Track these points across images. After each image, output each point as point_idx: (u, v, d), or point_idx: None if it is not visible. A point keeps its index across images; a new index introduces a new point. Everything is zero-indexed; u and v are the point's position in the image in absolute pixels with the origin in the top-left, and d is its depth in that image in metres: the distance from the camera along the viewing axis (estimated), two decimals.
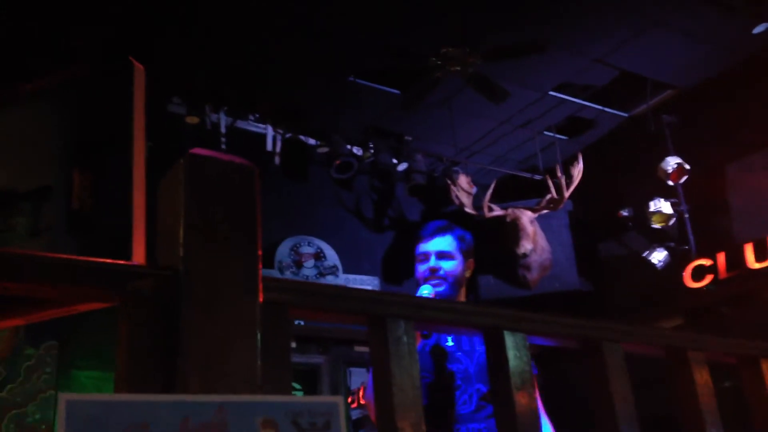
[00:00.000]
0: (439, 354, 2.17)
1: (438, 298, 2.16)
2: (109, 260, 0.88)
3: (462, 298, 2.33)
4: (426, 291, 2.19)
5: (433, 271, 2.24)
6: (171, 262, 0.89)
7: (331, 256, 5.83)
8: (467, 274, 2.33)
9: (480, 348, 2.12)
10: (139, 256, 0.96)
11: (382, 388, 1.08)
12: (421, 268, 2.29)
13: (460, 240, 2.32)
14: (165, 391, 0.85)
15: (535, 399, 1.17)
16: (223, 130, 5.20)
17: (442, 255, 2.27)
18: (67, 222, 1.03)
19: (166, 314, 0.87)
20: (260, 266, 0.93)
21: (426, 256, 2.29)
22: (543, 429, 1.98)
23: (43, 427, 4.49)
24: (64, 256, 0.87)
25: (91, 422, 0.76)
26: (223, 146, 5.11)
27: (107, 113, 1.04)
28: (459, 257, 2.30)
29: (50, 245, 1.03)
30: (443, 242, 2.30)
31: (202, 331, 0.86)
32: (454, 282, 2.26)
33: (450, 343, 2.18)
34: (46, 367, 4.67)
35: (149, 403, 0.79)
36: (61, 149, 1.05)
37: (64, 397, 0.76)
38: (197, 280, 0.88)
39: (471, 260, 2.35)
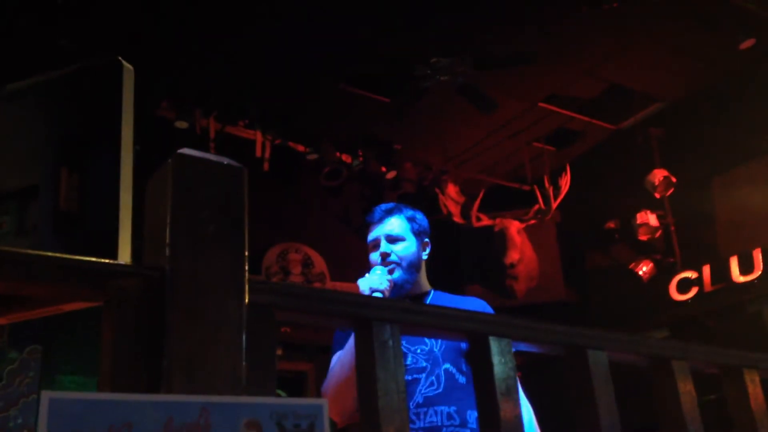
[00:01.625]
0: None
1: (395, 284, 2.02)
2: (94, 258, 0.87)
3: (423, 281, 2.15)
4: (379, 271, 2.00)
5: (385, 257, 2.06)
6: (157, 262, 0.89)
7: (319, 263, 5.82)
8: (423, 256, 2.15)
9: None
10: (125, 255, 0.96)
11: (367, 392, 1.08)
12: (373, 256, 2.10)
13: (410, 220, 2.14)
14: (149, 392, 0.84)
15: (518, 405, 1.17)
16: (212, 135, 5.20)
17: (391, 239, 2.10)
18: (53, 221, 1.02)
19: (151, 314, 0.87)
20: (247, 267, 0.93)
21: (376, 243, 2.11)
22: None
23: (25, 431, 4.44)
24: (49, 253, 0.87)
25: (74, 421, 0.75)
26: (213, 151, 5.09)
27: (95, 112, 1.04)
28: (412, 239, 2.11)
29: (37, 244, 1.02)
30: (392, 224, 2.12)
31: (187, 332, 0.86)
32: (409, 266, 2.07)
33: None
34: (29, 371, 4.62)
35: (133, 403, 0.79)
36: (49, 148, 1.05)
37: (46, 395, 0.75)
38: (183, 281, 0.87)
39: (426, 241, 2.16)
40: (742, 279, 4.80)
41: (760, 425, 1.49)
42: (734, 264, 4.86)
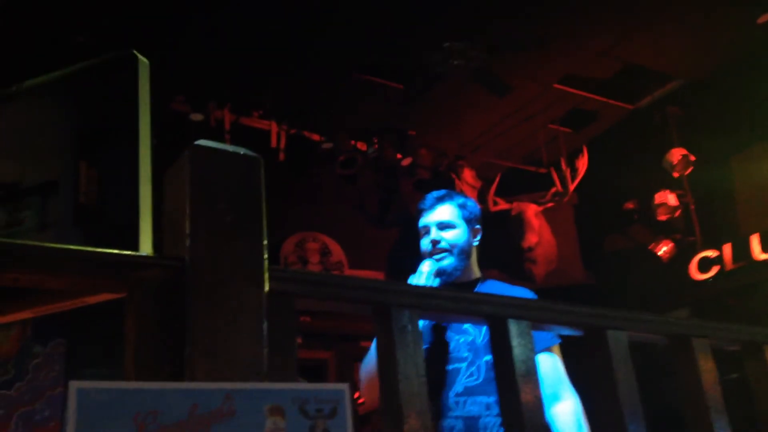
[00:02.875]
0: (446, 325, 2.04)
1: (445, 271, 2.04)
2: (116, 251, 0.89)
3: (474, 268, 2.16)
4: (426, 266, 2.03)
5: (435, 244, 2.08)
6: (177, 253, 0.90)
7: (337, 252, 5.84)
8: (474, 243, 2.16)
9: None
10: (146, 247, 0.97)
11: (388, 376, 1.09)
12: (424, 243, 2.13)
13: (461, 207, 2.15)
14: (173, 380, 0.86)
15: (538, 386, 1.17)
16: (227, 126, 5.22)
17: (442, 225, 2.11)
18: (74, 215, 1.04)
19: (173, 304, 0.88)
20: (266, 256, 0.94)
21: (427, 230, 2.13)
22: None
23: (52, 424, 4.51)
24: (72, 246, 0.88)
25: (101, 409, 0.77)
26: (228, 143, 5.11)
27: (112, 106, 1.05)
28: (462, 225, 2.12)
29: (58, 239, 1.04)
30: (443, 212, 2.13)
31: (209, 320, 0.87)
32: (460, 252, 2.09)
33: None
34: (54, 364, 4.70)
35: (158, 391, 0.80)
36: (67, 143, 1.06)
37: (74, 385, 0.77)
38: (203, 270, 0.89)
39: (477, 228, 2.17)
40: (763, 256, 4.75)
41: None
42: (755, 241, 4.82)
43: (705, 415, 1.36)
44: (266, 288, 0.93)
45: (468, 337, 2.03)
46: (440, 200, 2.16)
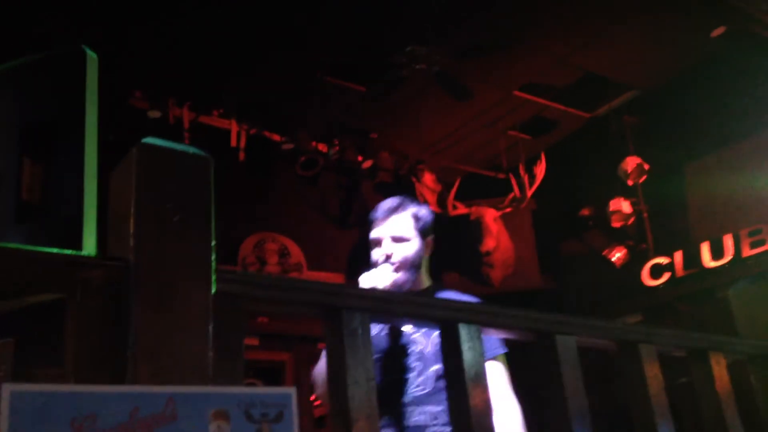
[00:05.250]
0: (396, 335, 2.03)
1: (396, 283, 2.02)
2: (57, 250, 0.86)
3: (422, 278, 2.14)
4: (383, 269, 2.01)
5: (388, 258, 2.05)
6: (121, 253, 0.89)
7: (296, 253, 5.81)
8: (426, 254, 2.14)
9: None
10: (90, 247, 0.95)
11: (337, 380, 1.08)
12: (375, 254, 2.09)
13: (415, 219, 2.11)
14: (114, 383, 0.84)
15: (487, 390, 1.18)
16: (186, 125, 5.14)
17: (396, 239, 2.08)
18: (16, 212, 1.01)
19: (116, 305, 0.86)
20: (213, 257, 0.93)
21: (378, 242, 2.10)
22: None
23: None
24: (11, 245, 0.85)
25: (37, 413, 0.75)
26: (187, 141, 5.05)
27: (58, 101, 1.02)
28: (416, 238, 2.10)
29: None
30: (396, 224, 2.10)
31: (153, 322, 0.86)
32: (411, 266, 2.07)
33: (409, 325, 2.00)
34: (1, 364, 4.56)
35: (97, 394, 0.78)
36: (11, 137, 1.03)
37: (7, 388, 0.74)
38: (148, 271, 0.87)
39: (429, 238, 2.15)
40: (712, 264, 4.87)
41: (725, 406, 1.52)
42: (705, 250, 4.94)
43: (650, 420, 1.39)
44: (213, 290, 0.91)
45: (416, 347, 2.02)
46: (393, 211, 2.12)
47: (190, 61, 4.78)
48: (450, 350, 1.20)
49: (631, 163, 5.29)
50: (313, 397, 5.40)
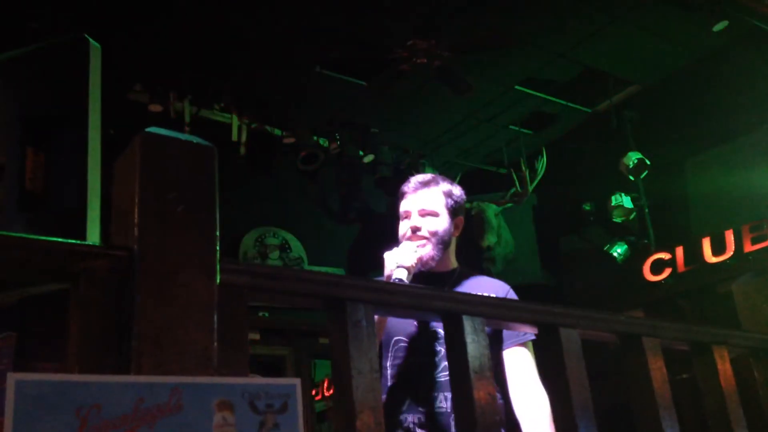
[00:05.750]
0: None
1: (421, 260, 1.94)
2: (61, 239, 0.86)
3: (451, 258, 2.07)
4: (407, 247, 1.93)
5: (414, 230, 1.98)
6: (125, 243, 0.88)
7: (297, 248, 5.80)
8: (455, 234, 2.06)
9: None
10: (93, 236, 0.94)
11: (341, 371, 1.08)
12: (402, 228, 2.01)
13: (447, 196, 2.03)
14: (118, 373, 0.84)
15: (492, 383, 1.18)
16: (187, 119, 5.13)
17: (424, 212, 2.00)
18: (19, 201, 1.00)
19: (120, 295, 0.86)
20: (218, 247, 0.92)
21: (408, 214, 2.02)
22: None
23: (0, 419, 4.38)
24: (15, 234, 0.85)
25: (42, 402, 0.74)
26: None
27: (62, 91, 1.02)
28: (445, 215, 2.02)
29: (2, 225, 1.00)
30: (426, 198, 2.02)
31: (156, 312, 0.85)
32: (438, 242, 1.98)
33: None
34: (2, 358, 4.56)
35: (102, 384, 0.78)
36: (14, 127, 1.02)
37: (13, 377, 0.74)
38: (151, 261, 0.86)
39: (460, 218, 2.06)
40: (713, 260, 4.87)
41: (729, 399, 1.51)
42: (706, 245, 4.93)
43: (654, 412, 1.39)
44: (218, 280, 0.91)
45: (442, 331, 1.96)
46: (425, 185, 2.04)
47: (191, 55, 4.77)
48: (454, 342, 1.20)
49: (632, 158, 5.28)
50: (314, 392, 5.40)
